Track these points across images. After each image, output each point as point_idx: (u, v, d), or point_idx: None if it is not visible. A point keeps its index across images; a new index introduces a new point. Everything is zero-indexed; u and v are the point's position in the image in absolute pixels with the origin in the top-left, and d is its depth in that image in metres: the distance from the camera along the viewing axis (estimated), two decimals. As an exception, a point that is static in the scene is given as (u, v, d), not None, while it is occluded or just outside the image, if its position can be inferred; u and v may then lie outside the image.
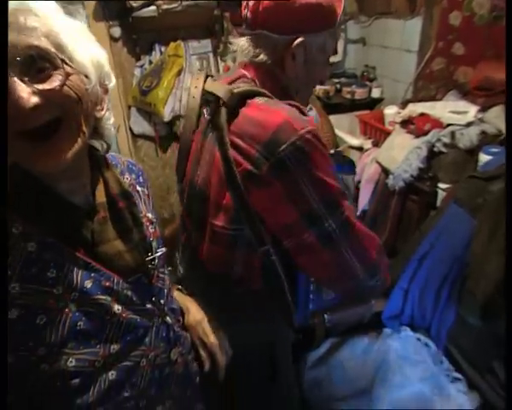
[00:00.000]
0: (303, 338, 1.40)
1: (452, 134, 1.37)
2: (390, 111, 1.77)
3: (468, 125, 1.41)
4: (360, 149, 1.86)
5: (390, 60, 2.25)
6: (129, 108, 2.28)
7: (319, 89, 2.30)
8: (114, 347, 0.55)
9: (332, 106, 2.26)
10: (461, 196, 1.20)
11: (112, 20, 2.04)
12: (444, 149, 1.38)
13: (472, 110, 1.46)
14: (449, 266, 1.26)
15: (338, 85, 2.39)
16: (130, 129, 2.34)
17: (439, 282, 1.29)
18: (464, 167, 1.36)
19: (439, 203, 1.43)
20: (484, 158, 1.27)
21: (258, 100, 0.70)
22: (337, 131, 1.90)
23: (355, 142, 1.84)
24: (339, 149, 1.39)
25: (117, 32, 2.05)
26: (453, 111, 1.49)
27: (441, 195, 1.42)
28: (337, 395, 1.26)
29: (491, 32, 1.73)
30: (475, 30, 1.78)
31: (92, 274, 0.53)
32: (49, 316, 0.49)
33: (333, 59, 2.46)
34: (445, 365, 1.28)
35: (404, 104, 1.82)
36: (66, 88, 0.47)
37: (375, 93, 2.31)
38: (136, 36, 2.01)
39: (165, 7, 1.81)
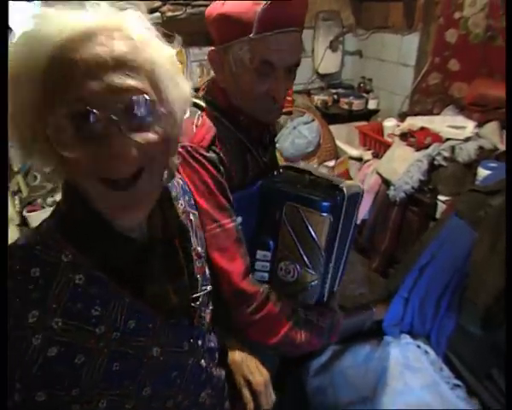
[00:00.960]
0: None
1: (452, 148, 1.43)
2: (389, 123, 1.82)
3: (467, 140, 1.47)
4: (360, 159, 1.91)
5: (386, 73, 2.31)
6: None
7: (317, 99, 2.34)
8: (147, 389, 0.52)
9: (330, 116, 2.30)
10: (462, 209, 1.24)
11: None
12: (443, 163, 1.43)
13: (469, 125, 1.52)
14: (449, 276, 1.30)
15: (335, 96, 2.44)
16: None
17: (439, 291, 1.33)
18: (463, 181, 1.41)
19: (438, 215, 1.48)
20: (482, 172, 1.32)
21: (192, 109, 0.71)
22: (337, 142, 1.94)
23: (355, 152, 1.88)
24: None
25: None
26: (451, 126, 1.55)
27: (440, 207, 1.47)
28: (341, 401, 1.28)
29: (485, 50, 1.80)
30: (470, 48, 1.85)
31: (136, 314, 0.50)
32: (88, 356, 0.47)
33: (330, 70, 2.52)
34: (445, 372, 1.31)
35: (401, 117, 1.88)
36: (160, 137, 0.45)
37: (372, 104, 2.37)
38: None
39: (169, 14, 1.82)
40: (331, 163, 1.77)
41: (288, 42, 0.71)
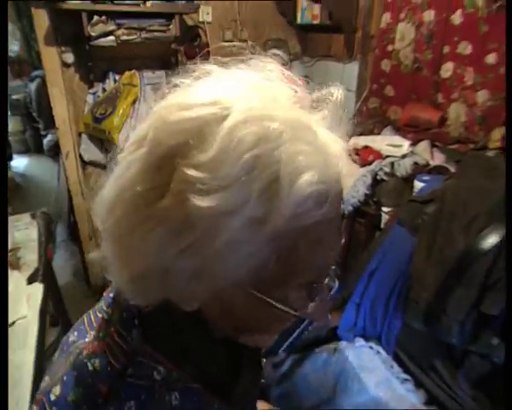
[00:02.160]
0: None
1: (392, 164, 1.59)
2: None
3: (403, 156, 1.65)
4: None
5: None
6: (79, 135, 2.23)
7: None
8: None
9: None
10: (402, 218, 1.39)
11: (64, 45, 2.03)
12: (385, 177, 1.59)
13: (405, 144, 1.71)
14: (395, 280, 1.43)
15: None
16: (80, 156, 2.28)
17: (387, 294, 1.46)
18: (402, 193, 1.58)
19: (382, 225, 1.63)
20: (418, 185, 1.49)
21: None
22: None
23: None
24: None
25: (70, 57, 2.03)
26: (390, 144, 1.73)
27: (384, 217, 1.61)
28: (304, 405, 1.34)
29: (413, 79, 2.03)
30: (402, 76, 2.08)
31: None
32: None
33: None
34: (395, 368, 1.43)
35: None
36: None
37: (319, 126, 2.54)
38: (92, 63, 2.01)
39: (124, 38, 1.85)
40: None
41: None
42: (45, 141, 4.91)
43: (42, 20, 1.94)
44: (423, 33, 1.92)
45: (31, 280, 1.35)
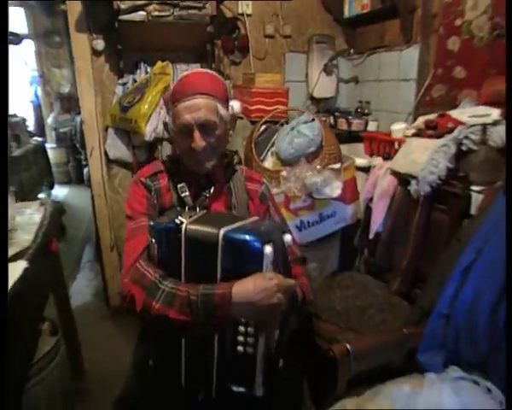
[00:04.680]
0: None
1: (483, 129, 1.21)
2: (398, 126, 1.63)
3: (495, 123, 1.26)
4: (367, 169, 1.67)
5: (386, 92, 2.19)
6: (105, 129, 2.06)
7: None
8: None
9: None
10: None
11: (96, 33, 1.91)
12: (474, 147, 1.21)
13: (494, 112, 1.32)
14: (505, 276, 0.99)
15: (332, 118, 2.29)
16: (106, 153, 2.09)
17: (494, 297, 1.02)
18: (500, 167, 1.17)
19: (473, 210, 1.21)
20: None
21: None
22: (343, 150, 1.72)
23: (362, 161, 1.65)
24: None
25: (100, 44, 1.91)
26: (473, 115, 1.35)
27: (476, 199, 1.20)
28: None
29: (492, 51, 1.68)
30: (476, 52, 1.74)
31: None
32: None
33: (325, 94, 2.41)
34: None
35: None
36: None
37: (372, 126, 2.20)
38: (122, 47, 1.86)
39: (155, 14, 1.69)
40: (336, 166, 1.53)
41: (193, 105, 0.94)
42: (85, 171, 4.95)
43: (74, 5, 1.85)
44: (503, -6, 1.60)
45: (15, 258, 1.07)
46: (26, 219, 1.38)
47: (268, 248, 0.81)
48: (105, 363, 1.94)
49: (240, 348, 0.85)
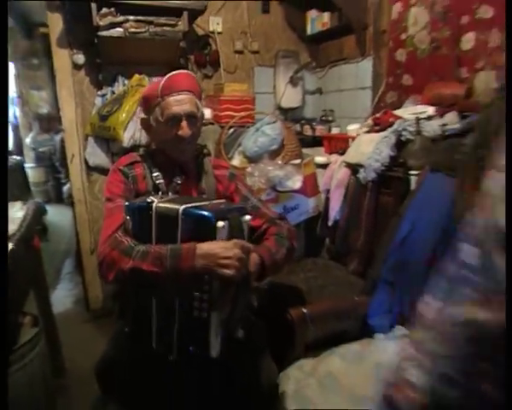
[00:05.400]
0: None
1: (417, 121, 1.40)
2: (353, 127, 1.82)
3: (429, 118, 1.46)
4: (326, 166, 1.85)
5: (346, 100, 2.41)
6: (86, 138, 2.18)
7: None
8: None
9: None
10: (435, 161, 1.16)
11: (76, 48, 2.06)
12: (411, 137, 1.40)
13: (430, 109, 1.53)
14: (436, 239, 1.16)
15: (299, 126, 2.48)
16: (86, 161, 2.20)
17: (428, 259, 1.18)
18: (433, 153, 1.36)
19: (412, 192, 1.39)
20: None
21: None
22: (303, 150, 1.90)
23: (321, 159, 1.83)
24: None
25: (80, 59, 2.05)
26: (412, 113, 1.55)
27: (414, 182, 1.38)
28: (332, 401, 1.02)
29: (432, 61, 1.92)
30: (419, 62, 1.97)
31: None
32: None
33: (292, 104, 2.60)
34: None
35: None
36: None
37: (335, 131, 2.40)
38: (101, 61, 2.01)
39: (132, 30, 1.85)
40: (297, 161, 1.70)
41: (181, 99, 1.12)
42: (65, 188, 4.98)
43: (56, 23, 2.00)
44: (437, 11, 1.84)
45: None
46: (11, 213, 1.48)
47: (220, 223, 0.95)
48: (85, 362, 1.97)
49: (196, 311, 0.98)
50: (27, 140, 5.84)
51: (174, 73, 1.16)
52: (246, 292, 1.11)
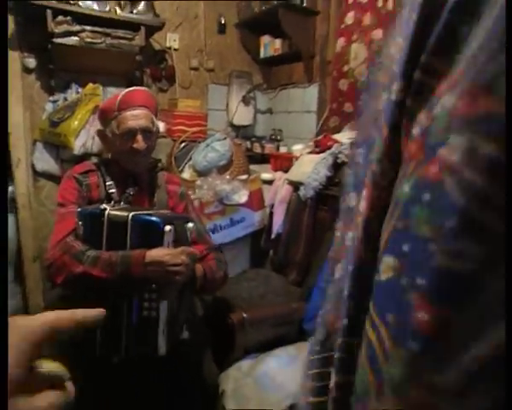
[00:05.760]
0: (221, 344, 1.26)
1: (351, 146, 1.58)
2: (297, 147, 1.98)
3: (362, 144, 1.64)
4: (271, 182, 1.98)
5: (293, 122, 2.58)
6: (34, 143, 2.14)
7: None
8: None
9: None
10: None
11: (27, 51, 2.04)
12: (346, 160, 1.56)
13: (363, 136, 1.71)
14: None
15: (249, 143, 2.61)
16: (33, 166, 2.16)
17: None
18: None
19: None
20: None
21: None
22: (250, 166, 2.02)
23: (267, 175, 1.96)
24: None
25: (32, 63, 2.03)
26: (349, 137, 1.73)
27: (347, 200, 1.55)
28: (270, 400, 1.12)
29: (370, 93, 2.14)
30: (358, 92, 2.19)
31: None
32: None
33: (243, 122, 2.74)
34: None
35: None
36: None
37: (282, 149, 2.56)
38: (53, 66, 2.00)
39: (88, 40, 1.88)
40: (244, 177, 1.82)
41: (138, 114, 1.19)
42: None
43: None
44: (374, 50, 2.07)
45: None
46: None
47: (168, 228, 1.03)
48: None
49: (145, 312, 1.04)
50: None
51: (132, 89, 1.23)
52: (190, 295, 1.19)
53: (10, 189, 3.95)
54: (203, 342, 1.27)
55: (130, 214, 1.04)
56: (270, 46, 2.63)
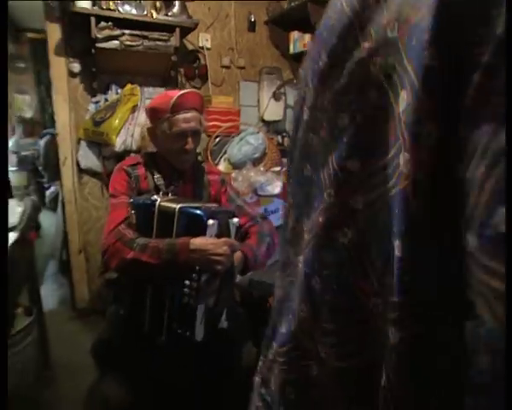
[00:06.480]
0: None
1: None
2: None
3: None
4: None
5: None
6: (78, 141, 2.29)
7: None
8: None
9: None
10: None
11: (72, 56, 2.18)
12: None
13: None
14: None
15: (280, 138, 2.66)
16: (77, 163, 2.31)
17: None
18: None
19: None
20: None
21: None
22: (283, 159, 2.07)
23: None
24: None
25: (76, 67, 2.17)
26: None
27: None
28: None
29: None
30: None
31: None
32: None
33: (274, 118, 2.79)
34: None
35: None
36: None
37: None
38: (96, 69, 2.13)
39: (127, 43, 1.99)
40: (277, 168, 1.87)
41: (190, 117, 1.26)
42: (48, 193, 5.00)
43: (54, 32, 2.13)
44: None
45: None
46: (10, 208, 1.58)
47: (211, 222, 1.10)
48: (71, 356, 2.07)
49: (185, 298, 1.11)
50: (9, 143, 5.82)
51: (185, 91, 1.29)
52: (230, 285, 1.26)
53: (54, 188, 4.16)
54: (243, 332, 1.33)
55: (178, 206, 1.11)
56: (300, 41, 2.66)
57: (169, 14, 2.15)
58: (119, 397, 1.08)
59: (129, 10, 1.99)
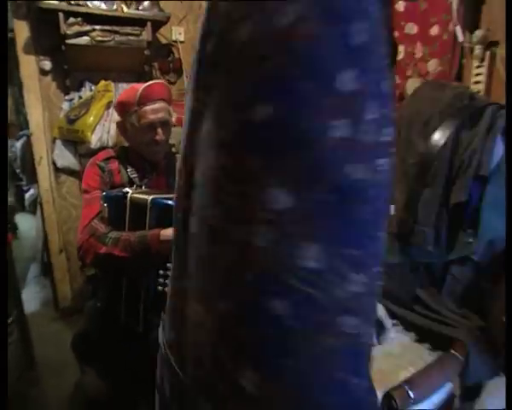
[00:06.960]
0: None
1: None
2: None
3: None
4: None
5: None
6: (53, 140, 2.26)
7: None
8: None
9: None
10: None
11: (43, 54, 2.15)
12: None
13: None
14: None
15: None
16: (54, 163, 2.28)
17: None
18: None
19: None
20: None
21: None
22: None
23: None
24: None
25: (47, 65, 2.14)
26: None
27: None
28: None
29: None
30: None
31: None
32: None
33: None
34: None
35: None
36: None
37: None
38: (68, 67, 2.11)
39: (98, 39, 1.98)
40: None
41: (157, 108, 1.26)
42: (27, 195, 4.90)
43: (22, 30, 2.09)
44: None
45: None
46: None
47: None
48: (54, 356, 2.07)
49: (159, 287, 1.13)
50: (-15, 147, 5.69)
51: (150, 83, 1.30)
52: None
53: (33, 190, 4.09)
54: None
55: (150, 198, 1.13)
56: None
57: (140, 8, 2.14)
58: (99, 388, 1.10)
59: (98, 5, 1.98)
